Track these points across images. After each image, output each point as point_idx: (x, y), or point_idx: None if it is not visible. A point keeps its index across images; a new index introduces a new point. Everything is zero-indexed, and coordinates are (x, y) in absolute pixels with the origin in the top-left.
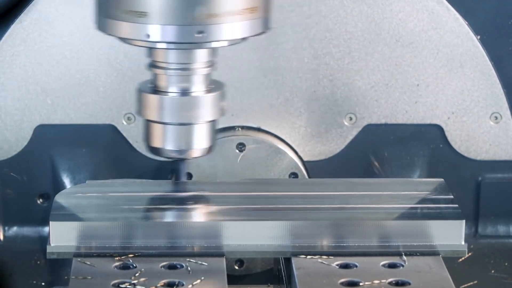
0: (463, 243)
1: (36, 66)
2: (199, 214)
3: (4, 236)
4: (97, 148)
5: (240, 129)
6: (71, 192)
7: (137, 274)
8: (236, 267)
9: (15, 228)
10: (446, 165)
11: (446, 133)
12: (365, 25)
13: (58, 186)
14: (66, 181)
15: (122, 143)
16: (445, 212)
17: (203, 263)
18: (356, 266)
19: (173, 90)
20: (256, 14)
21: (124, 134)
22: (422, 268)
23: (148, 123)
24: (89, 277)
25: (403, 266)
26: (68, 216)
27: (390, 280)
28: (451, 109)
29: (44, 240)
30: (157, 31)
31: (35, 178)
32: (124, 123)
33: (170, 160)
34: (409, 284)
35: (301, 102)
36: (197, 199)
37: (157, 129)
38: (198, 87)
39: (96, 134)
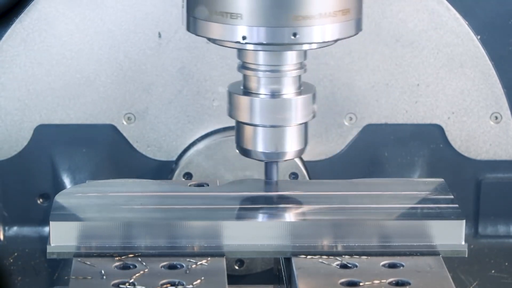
0: (463, 243)
1: (36, 66)
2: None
3: (4, 236)
4: (97, 148)
5: None
6: (71, 192)
7: (137, 274)
8: (236, 267)
9: (15, 228)
10: (446, 165)
11: (446, 133)
12: (365, 25)
13: (58, 186)
14: (66, 181)
15: (122, 143)
16: (445, 212)
17: (203, 263)
18: (356, 266)
19: (263, 92)
20: (348, 16)
21: (124, 134)
22: (422, 268)
23: (239, 124)
24: (89, 277)
25: (403, 266)
26: (68, 216)
27: (390, 280)
28: (451, 109)
29: (44, 240)
30: (252, 33)
31: (35, 178)
32: (124, 123)
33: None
34: (409, 284)
35: None
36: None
37: (247, 131)
38: (289, 89)
39: (96, 134)
